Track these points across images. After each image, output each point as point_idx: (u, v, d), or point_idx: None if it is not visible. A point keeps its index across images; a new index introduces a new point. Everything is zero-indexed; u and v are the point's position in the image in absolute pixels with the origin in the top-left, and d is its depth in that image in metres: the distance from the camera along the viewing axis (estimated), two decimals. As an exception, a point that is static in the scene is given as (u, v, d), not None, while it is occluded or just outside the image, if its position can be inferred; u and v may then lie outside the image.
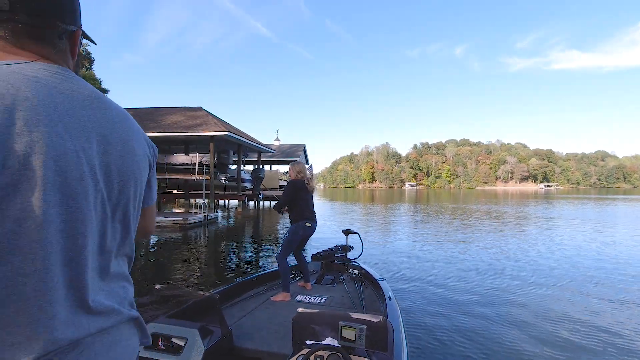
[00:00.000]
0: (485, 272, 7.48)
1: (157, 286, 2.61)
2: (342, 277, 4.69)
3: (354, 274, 4.72)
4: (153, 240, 11.86)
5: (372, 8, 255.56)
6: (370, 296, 4.05)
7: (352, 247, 5.27)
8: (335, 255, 5.07)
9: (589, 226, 15.57)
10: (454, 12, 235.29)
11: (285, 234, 4.25)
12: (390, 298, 3.56)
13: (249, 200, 24.31)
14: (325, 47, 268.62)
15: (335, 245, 5.31)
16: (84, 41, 1.29)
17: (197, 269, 7.86)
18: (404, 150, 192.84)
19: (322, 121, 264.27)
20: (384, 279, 4.30)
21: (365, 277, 4.60)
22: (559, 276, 7.15)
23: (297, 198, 4.26)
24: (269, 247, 10.89)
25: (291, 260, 4.46)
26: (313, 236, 4.60)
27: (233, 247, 11.01)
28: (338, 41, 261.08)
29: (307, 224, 4.27)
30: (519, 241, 11.45)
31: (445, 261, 8.57)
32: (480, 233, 13.36)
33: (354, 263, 4.90)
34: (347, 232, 5.23)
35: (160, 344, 2.31)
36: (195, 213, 15.09)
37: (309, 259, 5.07)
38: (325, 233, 12.01)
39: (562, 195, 60.85)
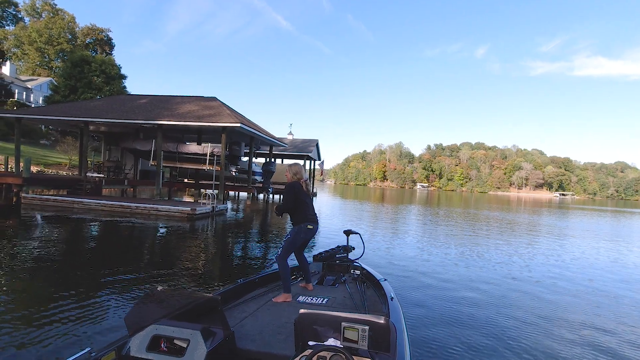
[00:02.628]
0: (492, 280, 7.34)
1: (159, 288, 2.57)
2: (343, 278, 4.64)
3: (356, 274, 4.70)
4: (160, 229, 11.86)
5: (395, 5, 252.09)
6: (372, 297, 4.01)
7: (354, 248, 5.24)
8: (337, 256, 5.03)
9: (611, 243, 15.05)
10: (478, 11, 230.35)
11: (287, 234, 4.17)
12: (392, 298, 3.54)
13: (258, 193, 24.26)
14: (344, 43, 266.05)
15: (336, 245, 5.26)
16: (105, 26, 1.22)
17: (197, 263, 7.78)
18: (417, 150, 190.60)
19: (336, 117, 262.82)
20: (385, 280, 4.27)
21: (367, 278, 4.56)
22: (571, 295, 6.86)
23: (298, 200, 4.17)
24: (274, 243, 10.77)
25: (292, 261, 4.36)
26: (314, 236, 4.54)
27: (237, 241, 10.92)
28: (357, 37, 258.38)
29: (309, 227, 4.18)
30: (533, 253, 11.11)
31: (450, 266, 8.46)
32: (491, 240, 13.02)
33: (355, 264, 4.88)
34: (348, 233, 5.18)
35: (162, 345, 2.29)
36: (203, 204, 15.06)
37: (310, 259, 5.02)
38: (327, 234, 11.85)
39: (577, 205, 59.43)
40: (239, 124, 16.26)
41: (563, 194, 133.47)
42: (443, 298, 5.96)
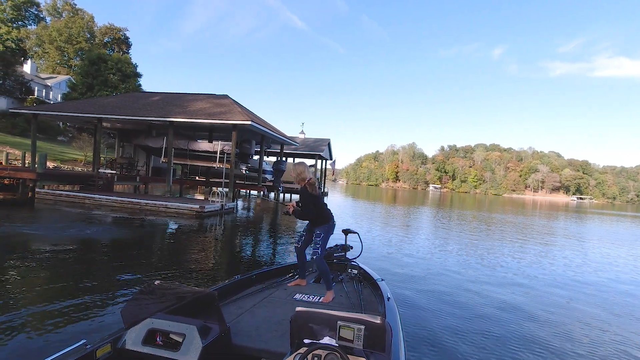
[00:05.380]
0: (494, 283, 7.22)
1: (156, 282, 2.56)
2: (340, 277, 4.62)
3: (353, 273, 4.68)
4: (168, 226, 11.87)
5: (411, 4, 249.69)
6: (368, 296, 4.02)
7: (352, 247, 5.19)
8: (335, 254, 5.00)
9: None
10: (495, 11, 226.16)
11: (319, 233, 4.16)
12: (389, 299, 3.57)
13: (269, 191, 24.25)
14: (359, 42, 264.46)
15: (334, 244, 5.18)
16: (122, 25, 1.13)
17: (200, 261, 7.70)
18: (430, 151, 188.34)
19: (349, 117, 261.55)
20: (382, 280, 4.28)
21: (364, 277, 4.56)
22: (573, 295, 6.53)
23: (318, 204, 4.21)
24: (281, 242, 10.65)
25: (289, 259, 4.32)
26: None
27: (242, 239, 10.84)
28: (372, 37, 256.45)
29: (334, 222, 4.31)
30: (550, 262, 10.72)
31: (452, 267, 8.33)
32: (497, 244, 12.65)
33: (353, 263, 4.88)
34: (346, 232, 5.18)
35: (158, 339, 2.32)
36: (212, 202, 15.05)
37: (307, 258, 4.94)
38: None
39: (596, 209, 57.76)
40: (249, 122, 16.20)
41: (581, 198, 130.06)
42: (443, 301, 5.90)
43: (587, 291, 7.24)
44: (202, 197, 18.80)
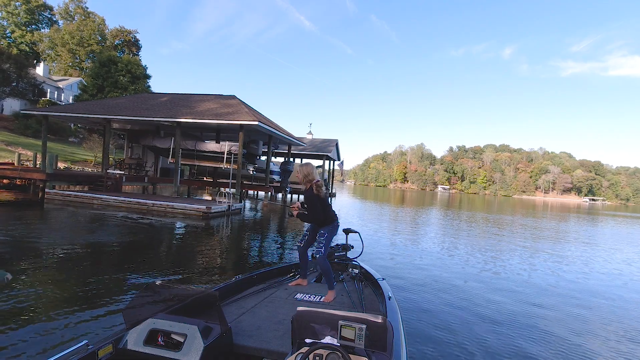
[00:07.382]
0: (495, 285, 7.11)
1: (157, 282, 2.57)
2: (341, 277, 4.62)
3: (354, 273, 4.66)
4: (173, 227, 11.86)
5: (420, 4, 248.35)
6: (369, 296, 4.02)
7: (352, 247, 5.17)
8: (335, 254, 4.97)
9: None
10: (505, 11, 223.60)
11: (323, 233, 4.11)
12: (390, 298, 3.57)
13: (276, 192, 24.20)
14: (367, 43, 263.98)
15: (335, 244, 5.13)
16: (133, 28, 1.08)
17: (202, 262, 7.64)
18: (439, 152, 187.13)
19: (357, 117, 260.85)
20: (383, 279, 4.26)
21: (365, 277, 4.56)
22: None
23: (324, 205, 4.19)
24: (287, 244, 10.55)
25: (293, 260, 4.34)
26: None
27: (248, 241, 10.77)
28: (380, 37, 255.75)
29: (338, 223, 4.29)
30: (564, 265, 10.45)
31: (457, 271, 8.18)
32: (507, 248, 12.38)
33: (354, 262, 4.83)
34: (347, 232, 5.15)
35: (159, 339, 2.32)
36: (219, 202, 15.04)
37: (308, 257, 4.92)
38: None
39: (609, 211, 56.61)
40: (256, 122, 16.18)
41: (593, 199, 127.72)
42: (445, 302, 5.86)
43: (611, 304, 6.81)
44: (209, 198, 18.82)
